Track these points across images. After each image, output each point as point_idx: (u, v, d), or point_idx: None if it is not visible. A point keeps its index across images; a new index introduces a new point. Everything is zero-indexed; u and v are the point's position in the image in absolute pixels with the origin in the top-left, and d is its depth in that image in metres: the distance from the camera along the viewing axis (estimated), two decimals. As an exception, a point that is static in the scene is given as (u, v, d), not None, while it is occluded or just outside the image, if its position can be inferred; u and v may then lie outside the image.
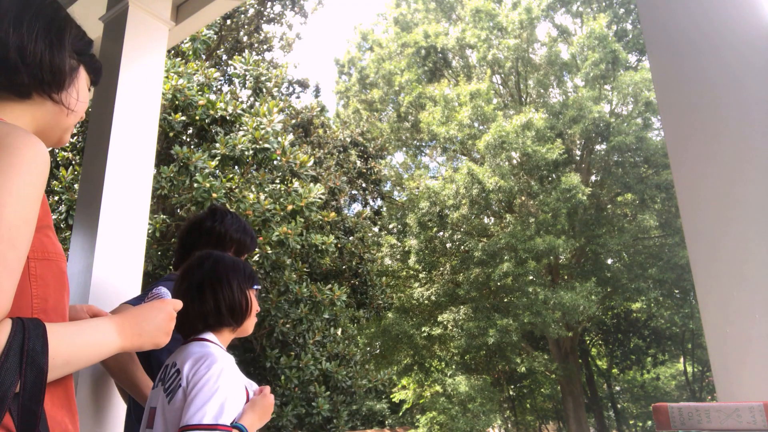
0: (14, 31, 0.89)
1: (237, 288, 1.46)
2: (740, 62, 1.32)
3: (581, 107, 14.09)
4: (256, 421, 1.34)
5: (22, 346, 0.71)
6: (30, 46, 0.90)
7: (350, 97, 19.23)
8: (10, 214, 0.73)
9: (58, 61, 0.93)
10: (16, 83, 0.91)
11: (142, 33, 2.75)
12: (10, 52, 0.88)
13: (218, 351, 1.37)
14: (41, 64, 0.91)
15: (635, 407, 20.67)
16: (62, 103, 0.95)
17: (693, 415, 0.97)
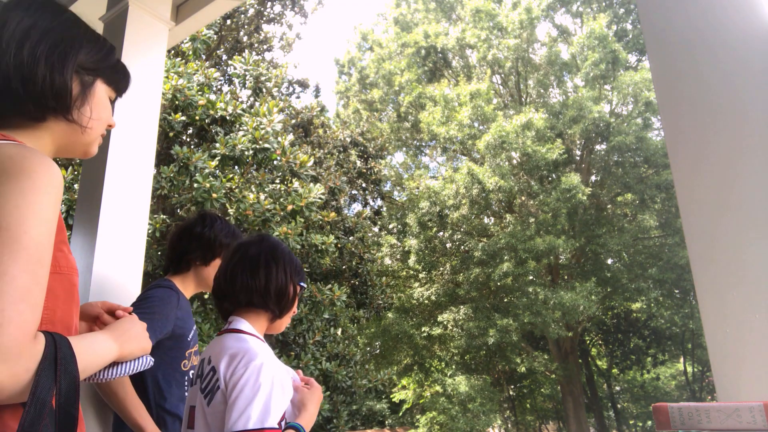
0: (15, 59, 0.89)
1: (289, 275, 1.44)
2: (740, 62, 1.32)
3: (581, 107, 14.09)
4: (314, 417, 1.32)
5: (55, 356, 0.76)
6: (31, 73, 0.90)
7: (350, 97, 19.23)
8: (36, 233, 0.78)
9: (60, 84, 0.93)
10: (25, 110, 0.92)
11: (142, 33, 2.74)
12: (12, 82, 0.89)
13: (255, 343, 1.30)
14: (43, 91, 0.92)
15: (635, 407, 20.67)
16: (75, 122, 0.97)
17: (693, 415, 0.97)
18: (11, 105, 0.92)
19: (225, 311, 1.44)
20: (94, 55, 1.01)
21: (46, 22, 0.95)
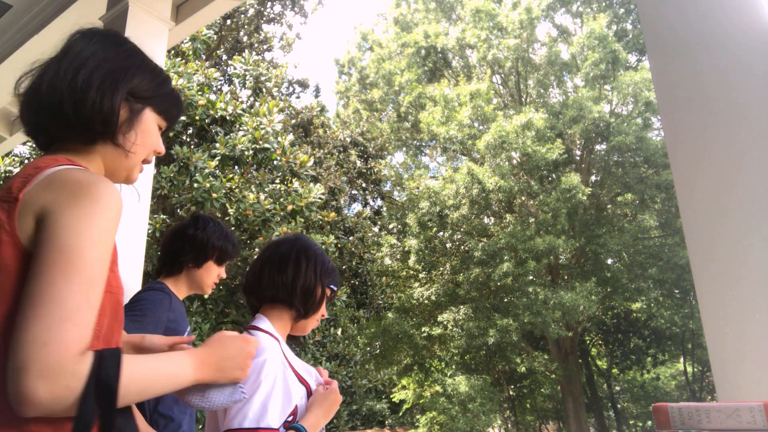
0: (70, 85, 0.94)
1: (318, 275, 1.42)
2: (740, 62, 1.32)
3: (581, 107, 14.09)
4: (321, 418, 1.27)
5: (98, 375, 0.77)
6: (82, 98, 0.94)
7: (350, 97, 19.23)
8: (91, 256, 0.80)
9: (108, 109, 0.96)
10: (76, 134, 0.97)
11: (142, 33, 2.74)
12: (65, 106, 0.93)
13: (265, 340, 1.28)
14: (92, 115, 0.95)
15: (635, 407, 20.67)
16: (121, 146, 1.00)
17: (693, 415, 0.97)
18: (64, 129, 0.96)
19: (252, 307, 1.45)
20: (147, 84, 1.04)
21: (105, 52, 1.00)
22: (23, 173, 0.89)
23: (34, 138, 1.03)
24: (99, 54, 0.99)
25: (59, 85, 0.94)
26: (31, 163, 0.92)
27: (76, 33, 1.03)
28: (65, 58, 0.97)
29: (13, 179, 0.89)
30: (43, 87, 0.95)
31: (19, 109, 1.01)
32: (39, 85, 0.96)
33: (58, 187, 0.83)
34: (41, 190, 0.84)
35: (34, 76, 0.98)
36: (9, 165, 7.33)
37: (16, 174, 0.91)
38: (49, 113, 0.95)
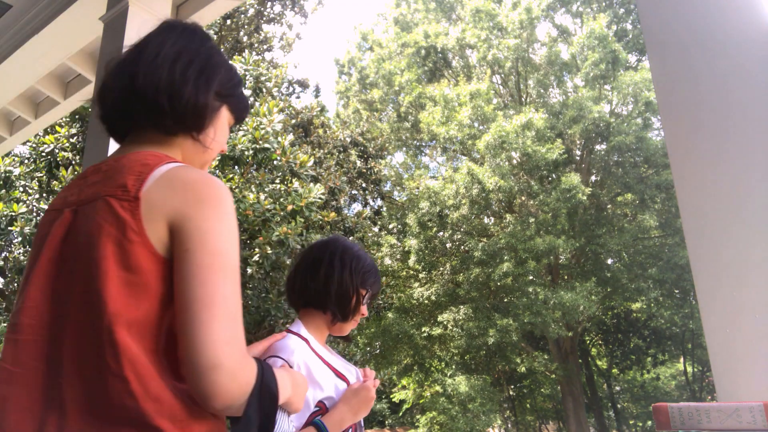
0: (168, 77, 0.95)
1: (354, 279, 1.40)
2: (740, 62, 1.32)
3: (581, 107, 14.08)
4: (348, 415, 1.25)
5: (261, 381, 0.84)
6: (179, 92, 0.96)
7: (350, 97, 19.22)
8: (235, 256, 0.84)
9: (202, 106, 0.99)
10: (162, 125, 0.98)
11: (142, 33, 2.74)
12: (161, 97, 0.94)
13: (292, 342, 1.29)
14: (186, 109, 0.97)
15: (635, 407, 20.66)
16: (200, 142, 1.02)
17: (693, 415, 0.97)
18: (152, 118, 0.97)
19: (295, 309, 1.46)
20: (227, 83, 1.06)
21: (195, 46, 1.01)
22: (131, 169, 0.88)
23: (111, 124, 1.03)
24: (190, 48, 1.00)
25: (156, 75, 0.95)
26: (130, 157, 0.91)
27: (163, 23, 1.06)
28: (161, 49, 0.98)
29: (119, 174, 0.88)
30: (140, 76, 0.95)
31: (101, 92, 1.01)
32: (134, 73, 0.95)
33: (182, 190, 0.84)
34: (163, 191, 0.84)
35: (124, 63, 0.99)
36: (9, 165, 7.33)
37: (117, 167, 0.90)
38: (141, 102, 0.95)
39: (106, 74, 1.01)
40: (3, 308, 7.97)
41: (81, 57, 3.67)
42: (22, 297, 0.85)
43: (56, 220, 0.91)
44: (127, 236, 0.81)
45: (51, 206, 0.97)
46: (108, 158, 0.97)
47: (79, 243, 0.85)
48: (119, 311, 0.78)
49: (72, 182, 0.99)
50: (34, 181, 7.32)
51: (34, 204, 6.99)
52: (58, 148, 6.94)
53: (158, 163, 0.89)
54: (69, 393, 0.77)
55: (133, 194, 0.84)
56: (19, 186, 7.30)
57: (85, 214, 0.87)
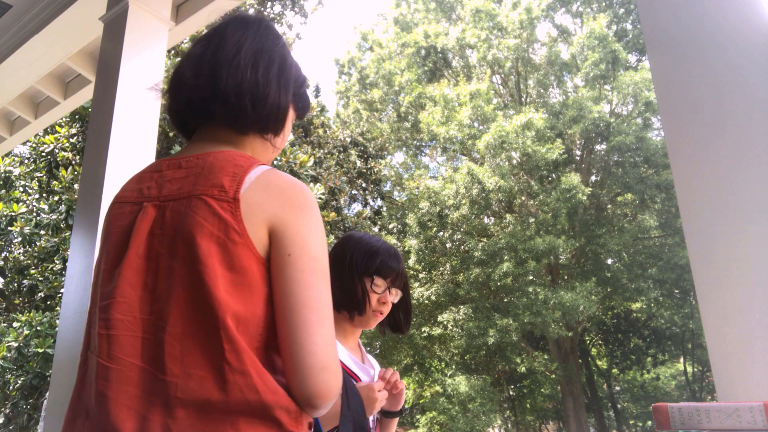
0: (251, 77, 0.94)
1: (354, 273, 1.40)
2: (740, 62, 1.32)
3: (581, 107, 14.08)
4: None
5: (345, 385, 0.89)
6: (263, 94, 0.95)
7: (350, 97, 19.22)
8: (327, 262, 0.88)
9: (284, 107, 0.99)
10: (241, 125, 0.97)
11: (142, 33, 2.75)
12: (244, 99, 0.94)
13: None
14: (269, 112, 0.97)
15: (635, 407, 20.67)
16: (270, 142, 1.03)
17: (693, 415, 0.97)
18: (232, 119, 0.96)
19: None
20: (297, 82, 1.06)
21: (272, 45, 1.01)
22: (224, 169, 0.87)
23: (181, 118, 1.02)
24: (268, 46, 1.00)
25: (239, 77, 0.94)
26: (218, 156, 0.90)
27: (236, 17, 1.03)
28: (235, 46, 0.96)
29: (211, 173, 0.88)
30: (223, 77, 0.94)
31: (177, 87, 1.00)
32: (216, 72, 0.94)
33: (279, 195, 0.86)
34: (261, 195, 0.85)
35: (202, 60, 0.97)
36: (9, 165, 7.33)
37: (204, 165, 0.90)
38: (223, 103, 0.94)
39: (182, 68, 1.00)
40: (3, 308, 7.97)
41: (81, 57, 3.68)
42: (113, 292, 0.84)
43: (137, 213, 0.90)
44: (230, 237, 0.82)
45: (123, 198, 0.95)
46: (184, 154, 0.96)
47: (172, 240, 0.84)
48: (231, 309, 0.80)
49: (142, 175, 0.97)
50: (34, 181, 7.32)
51: (34, 204, 6.99)
52: (58, 148, 6.94)
53: (250, 164, 0.89)
54: (174, 390, 0.77)
55: (231, 195, 0.84)
56: (19, 186, 7.30)
57: (176, 211, 0.86)
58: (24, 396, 6.50)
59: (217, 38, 0.99)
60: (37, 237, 6.53)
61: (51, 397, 2.22)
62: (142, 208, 0.89)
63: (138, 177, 0.97)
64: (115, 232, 0.91)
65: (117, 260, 0.87)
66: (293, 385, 0.81)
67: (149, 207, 0.89)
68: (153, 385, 0.78)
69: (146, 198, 0.91)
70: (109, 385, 0.79)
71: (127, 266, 0.85)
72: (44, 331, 5.80)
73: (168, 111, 1.03)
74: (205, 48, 0.98)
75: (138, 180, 0.96)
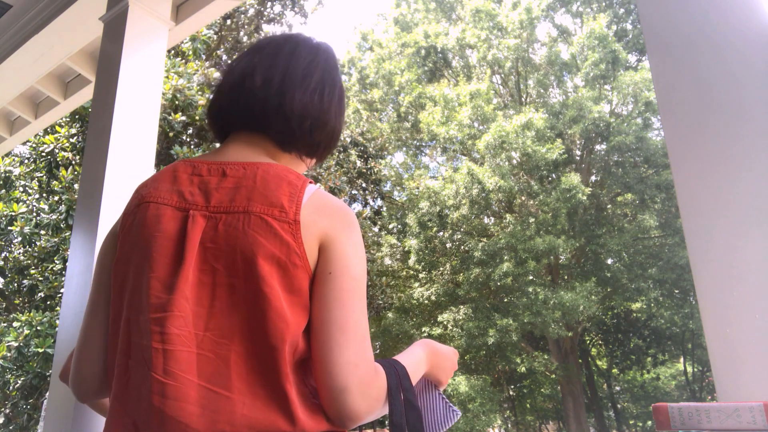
0: (317, 103, 0.96)
1: None
2: (741, 62, 1.32)
3: (581, 107, 14.09)
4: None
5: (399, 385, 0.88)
6: (324, 120, 0.97)
7: (350, 97, 19.23)
8: (365, 283, 0.88)
9: (338, 136, 1.01)
10: (294, 145, 0.98)
11: (142, 33, 2.75)
12: (306, 121, 0.95)
13: None
14: (325, 137, 0.99)
15: (635, 407, 20.67)
16: (305, 162, 1.03)
17: (693, 415, 0.97)
18: (285, 136, 0.96)
19: None
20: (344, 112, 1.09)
21: (334, 71, 1.02)
22: (279, 187, 0.86)
23: (227, 120, 0.99)
24: (333, 73, 1.01)
25: (306, 99, 0.95)
26: (269, 171, 0.89)
27: (306, 38, 1.03)
28: (305, 69, 0.97)
29: (267, 190, 0.86)
30: (294, 96, 0.94)
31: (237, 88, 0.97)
32: (286, 92, 0.94)
33: (329, 214, 0.87)
34: (315, 213, 0.86)
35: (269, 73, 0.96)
36: (9, 165, 7.33)
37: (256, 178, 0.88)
38: (284, 120, 0.94)
39: (247, 73, 0.97)
40: (3, 308, 7.97)
41: (81, 57, 3.68)
42: (170, 305, 0.80)
43: (184, 221, 0.86)
44: (291, 260, 0.82)
45: (160, 199, 0.89)
46: (223, 159, 0.93)
47: (230, 257, 0.82)
48: (291, 330, 0.80)
49: (177, 176, 0.92)
50: (34, 181, 7.32)
51: (34, 204, 6.99)
52: (58, 148, 6.95)
53: (303, 183, 0.88)
54: (242, 408, 0.77)
55: (292, 217, 0.84)
56: (19, 186, 7.30)
57: (231, 225, 0.83)
58: (24, 396, 6.50)
59: (287, 52, 0.98)
60: (37, 237, 6.53)
61: (51, 397, 2.22)
62: (190, 216, 0.86)
63: (171, 177, 0.92)
64: (158, 236, 0.85)
65: (170, 269, 0.83)
66: (322, 404, 0.82)
67: (198, 216, 0.85)
68: (215, 403, 0.77)
69: (191, 205, 0.87)
70: (168, 402, 0.77)
71: (184, 279, 0.81)
72: (44, 331, 5.80)
73: (216, 107, 1.00)
74: (273, 59, 0.98)
75: (173, 181, 0.91)
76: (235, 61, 1.02)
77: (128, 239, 0.88)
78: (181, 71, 7.00)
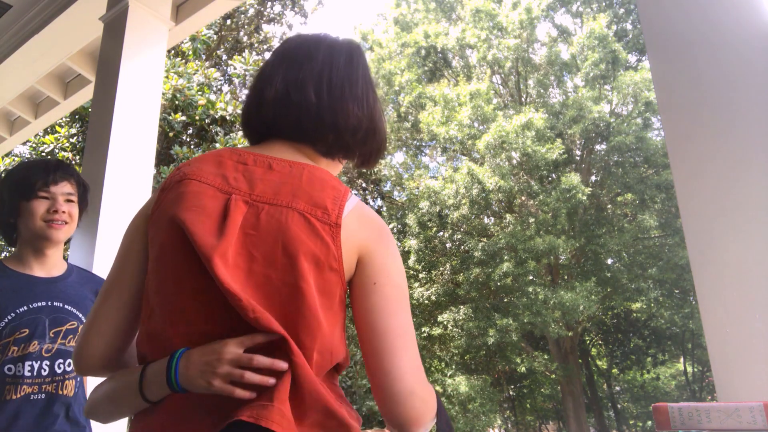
0: (367, 112, 0.96)
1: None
2: (740, 62, 1.32)
3: (581, 107, 14.08)
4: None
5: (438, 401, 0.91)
6: (373, 128, 0.97)
7: (350, 97, 19.22)
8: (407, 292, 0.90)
9: (386, 141, 1.01)
10: (346, 155, 0.98)
11: (142, 33, 2.75)
12: (359, 132, 0.95)
13: None
14: (376, 144, 0.99)
15: (635, 407, 20.67)
16: (342, 163, 1.03)
17: (693, 415, 0.97)
18: (336, 147, 0.96)
19: None
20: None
21: (369, 74, 1.01)
22: (324, 190, 0.86)
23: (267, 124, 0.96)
24: (370, 76, 1.00)
25: (359, 112, 0.95)
26: (314, 173, 0.89)
27: (347, 43, 1.02)
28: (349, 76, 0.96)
29: (312, 190, 0.85)
30: (349, 113, 0.94)
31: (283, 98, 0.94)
32: (337, 102, 0.93)
33: (369, 226, 0.88)
34: (356, 222, 0.86)
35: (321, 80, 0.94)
36: (9, 165, 7.32)
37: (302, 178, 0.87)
38: (337, 131, 0.94)
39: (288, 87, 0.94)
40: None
41: (81, 57, 3.68)
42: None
43: (227, 202, 0.84)
44: (328, 262, 0.82)
45: (201, 178, 0.87)
46: (267, 153, 0.92)
47: (271, 248, 0.80)
48: (323, 330, 0.81)
49: (221, 161, 0.90)
50: (34, 181, 7.31)
51: (34, 204, 6.98)
52: (58, 148, 6.94)
53: (346, 190, 0.88)
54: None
55: (334, 220, 0.83)
56: (19, 186, 7.29)
57: (273, 216, 0.82)
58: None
59: (326, 59, 0.96)
60: (37, 237, 6.52)
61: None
62: (232, 199, 0.84)
63: (216, 161, 0.90)
64: (197, 210, 0.83)
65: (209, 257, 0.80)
66: (384, 411, 0.83)
67: (240, 201, 0.84)
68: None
69: (235, 189, 0.85)
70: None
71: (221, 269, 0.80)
72: (44, 331, 5.79)
73: (256, 117, 0.97)
74: (315, 69, 0.95)
75: (217, 165, 0.90)
76: (269, 68, 0.98)
77: (165, 212, 0.86)
78: (181, 71, 6.99)
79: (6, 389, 1.48)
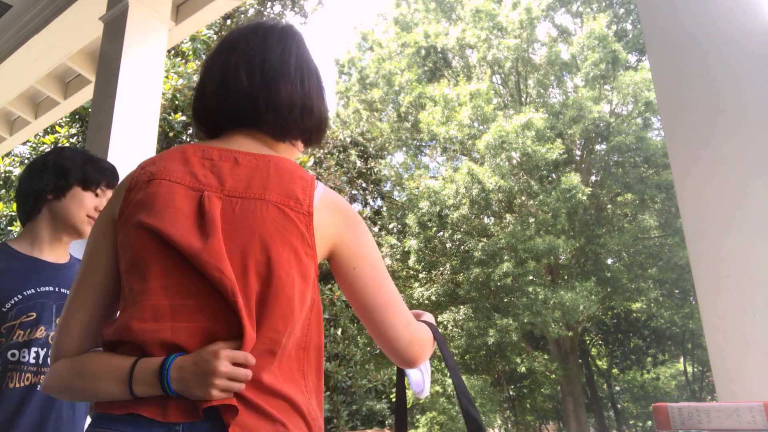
0: (300, 89, 0.98)
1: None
2: (740, 62, 1.32)
3: (581, 107, 14.08)
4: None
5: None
6: (309, 104, 1.00)
7: (350, 97, 19.22)
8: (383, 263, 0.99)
9: (326, 117, 1.04)
10: (287, 133, 1.00)
11: (142, 33, 2.75)
12: (295, 109, 0.98)
13: None
14: (314, 121, 1.01)
15: (635, 407, 20.67)
16: (297, 147, 1.06)
17: (693, 415, 0.97)
18: (277, 126, 0.98)
19: None
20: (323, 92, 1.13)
21: (308, 56, 1.04)
22: (292, 180, 0.90)
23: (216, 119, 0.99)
24: (307, 57, 1.03)
25: (288, 87, 0.97)
26: (279, 164, 0.92)
27: (273, 26, 1.04)
28: (282, 56, 0.98)
29: (281, 181, 0.89)
30: (279, 88, 0.96)
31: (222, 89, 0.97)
32: (271, 81, 0.96)
33: (337, 213, 0.93)
34: (325, 210, 0.91)
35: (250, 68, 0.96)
36: (9, 165, 7.33)
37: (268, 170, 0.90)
38: (275, 112, 0.96)
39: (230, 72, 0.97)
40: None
41: (81, 57, 3.68)
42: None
43: (199, 200, 0.86)
44: (304, 249, 0.86)
45: (171, 177, 0.88)
46: (231, 147, 0.94)
47: (247, 241, 0.83)
48: (295, 318, 0.85)
49: (187, 158, 0.91)
50: (34, 181, 7.30)
51: (34, 204, 6.97)
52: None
53: (312, 179, 0.93)
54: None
55: (306, 209, 0.88)
56: (19, 186, 7.28)
57: (247, 210, 0.85)
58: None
59: (259, 44, 0.99)
60: (37, 237, 6.52)
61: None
62: (205, 196, 0.86)
63: (181, 158, 0.91)
64: (172, 212, 0.84)
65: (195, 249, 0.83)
66: (393, 359, 1.00)
67: (213, 197, 0.86)
68: None
69: (205, 186, 0.87)
70: None
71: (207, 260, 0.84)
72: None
73: (201, 109, 1.00)
74: (249, 54, 0.98)
75: (183, 162, 0.90)
76: (210, 60, 1.02)
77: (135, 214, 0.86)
78: (181, 71, 6.99)
79: (8, 376, 1.40)
